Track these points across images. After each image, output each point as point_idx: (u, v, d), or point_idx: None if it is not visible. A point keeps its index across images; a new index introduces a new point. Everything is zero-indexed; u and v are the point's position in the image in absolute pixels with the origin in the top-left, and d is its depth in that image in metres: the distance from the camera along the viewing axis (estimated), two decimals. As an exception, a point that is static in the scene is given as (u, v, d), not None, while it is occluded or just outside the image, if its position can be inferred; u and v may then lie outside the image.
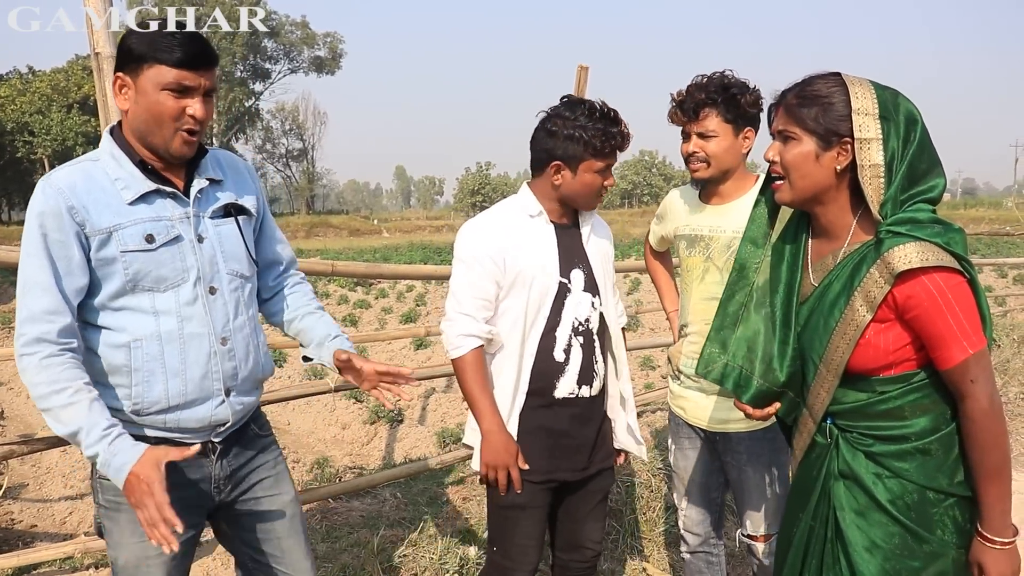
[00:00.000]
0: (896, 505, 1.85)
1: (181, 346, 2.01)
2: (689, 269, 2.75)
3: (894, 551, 1.86)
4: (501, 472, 2.43)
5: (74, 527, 5.39)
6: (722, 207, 2.68)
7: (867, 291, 1.78)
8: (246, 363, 2.15)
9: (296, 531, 2.30)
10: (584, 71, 4.37)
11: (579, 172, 2.46)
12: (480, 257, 2.47)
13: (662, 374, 9.85)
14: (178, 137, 1.94)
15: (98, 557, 3.65)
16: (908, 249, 1.71)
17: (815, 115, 1.81)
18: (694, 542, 2.95)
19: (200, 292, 2.03)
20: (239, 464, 2.20)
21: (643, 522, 4.27)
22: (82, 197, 1.90)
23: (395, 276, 3.84)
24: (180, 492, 1.98)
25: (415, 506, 4.34)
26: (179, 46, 1.87)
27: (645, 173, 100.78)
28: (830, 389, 1.91)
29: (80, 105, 46.99)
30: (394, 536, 3.88)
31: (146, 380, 1.98)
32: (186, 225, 2.02)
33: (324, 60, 67.15)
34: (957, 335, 1.71)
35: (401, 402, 2.07)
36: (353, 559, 3.63)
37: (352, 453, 7.48)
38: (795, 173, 1.86)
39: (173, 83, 1.88)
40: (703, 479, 2.86)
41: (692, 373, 2.71)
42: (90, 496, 5.81)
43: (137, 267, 1.94)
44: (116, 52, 1.94)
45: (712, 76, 2.55)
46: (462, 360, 2.47)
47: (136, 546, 2.03)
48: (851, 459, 1.91)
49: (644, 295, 18.01)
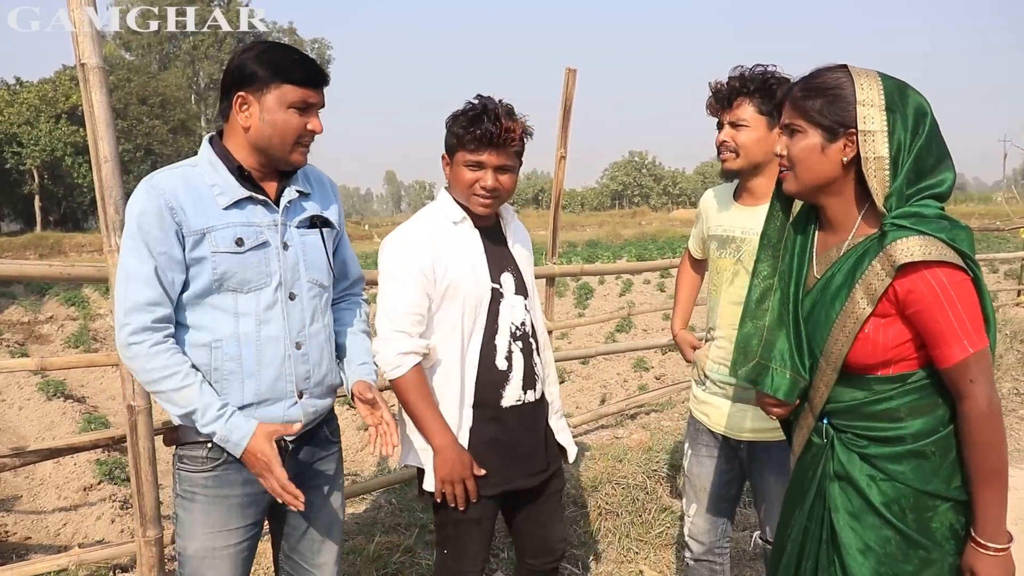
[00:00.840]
0: (890, 508, 1.83)
1: (258, 348, 2.11)
2: (719, 271, 2.70)
3: (887, 555, 1.84)
4: (458, 486, 2.39)
5: (68, 538, 5.36)
6: (755, 208, 2.60)
7: (868, 284, 1.76)
8: (319, 368, 2.24)
9: (334, 538, 2.40)
10: (572, 74, 4.37)
11: (455, 165, 2.43)
12: (410, 271, 2.39)
13: (655, 375, 9.85)
14: (297, 150, 2.11)
15: (92, 569, 3.63)
16: (911, 242, 1.69)
17: (820, 107, 1.80)
18: (699, 550, 2.90)
19: (280, 297, 2.14)
20: (307, 464, 2.30)
21: (639, 524, 4.27)
22: (181, 198, 2.02)
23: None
24: (249, 488, 2.15)
25: (410, 512, 4.33)
26: (302, 67, 2.03)
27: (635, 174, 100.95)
28: (829, 383, 1.89)
29: (68, 115, 46.82)
30: (390, 543, 3.87)
31: (225, 379, 2.09)
32: (273, 232, 2.14)
33: (312, 66, 67.06)
34: (958, 333, 1.69)
35: (384, 451, 2.17)
36: (349, 566, 3.62)
37: (346, 459, 7.45)
38: (801, 166, 1.86)
39: (299, 101, 2.05)
40: (716, 489, 2.81)
41: (719, 379, 2.68)
42: (84, 507, 5.79)
43: (225, 268, 2.05)
44: (231, 71, 2.05)
45: (754, 67, 2.52)
46: (403, 380, 2.39)
47: (206, 536, 2.14)
48: (846, 460, 1.89)
49: (636, 296, 18.01)
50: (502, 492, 2.52)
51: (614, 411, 6.31)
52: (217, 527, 2.13)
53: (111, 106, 2.74)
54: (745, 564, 3.93)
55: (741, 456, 2.74)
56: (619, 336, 12.50)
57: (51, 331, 15.35)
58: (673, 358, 10.65)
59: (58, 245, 36.23)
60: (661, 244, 33.73)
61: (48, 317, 17.11)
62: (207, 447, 2.13)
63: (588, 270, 6.45)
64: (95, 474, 6.29)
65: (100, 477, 6.25)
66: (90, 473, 6.33)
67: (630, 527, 4.24)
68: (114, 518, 5.52)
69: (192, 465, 2.15)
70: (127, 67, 52.48)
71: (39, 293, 19.74)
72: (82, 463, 6.46)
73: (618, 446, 5.33)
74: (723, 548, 2.92)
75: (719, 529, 2.87)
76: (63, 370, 9.32)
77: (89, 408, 9.11)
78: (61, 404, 8.87)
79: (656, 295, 18.26)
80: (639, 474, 4.75)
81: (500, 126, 2.34)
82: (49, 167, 47.21)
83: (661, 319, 13.85)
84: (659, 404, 6.68)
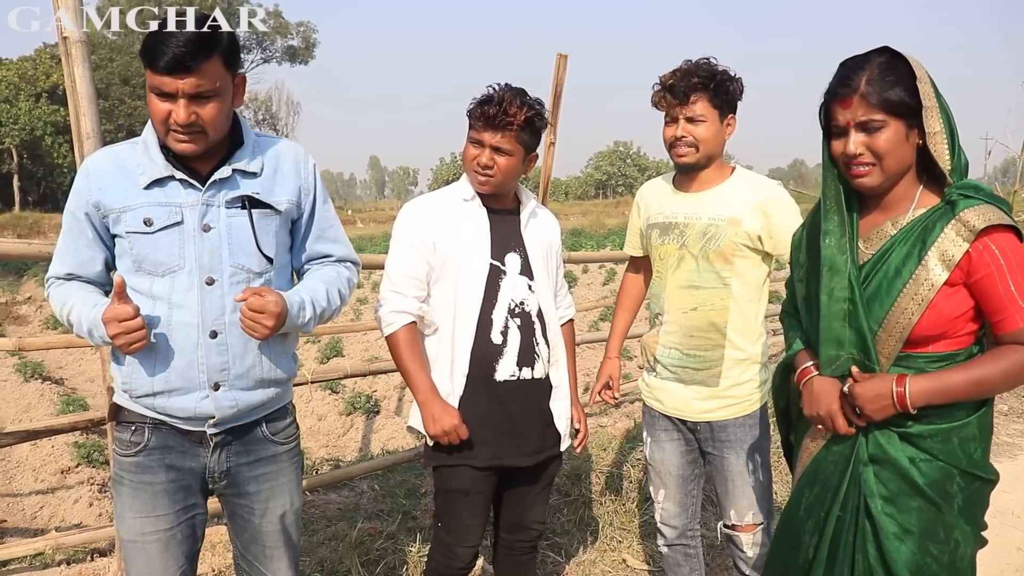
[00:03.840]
0: (934, 489, 1.86)
1: (168, 333, 2.03)
2: (663, 257, 2.72)
3: (927, 537, 1.86)
4: (451, 435, 2.46)
5: (45, 522, 5.31)
6: (699, 195, 2.65)
7: (943, 250, 1.79)
8: (242, 359, 2.09)
9: (284, 544, 2.28)
10: (563, 59, 4.32)
11: (465, 141, 2.57)
12: (411, 238, 2.54)
13: (638, 364, 9.86)
14: (171, 138, 1.96)
15: (69, 553, 3.59)
16: (984, 209, 1.76)
17: (901, 94, 1.80)
18: (671, 535, 2.91)
19: (196, 281, 2.03)
20: (238, 463, 2.18)
21: (622, 513, 4.27)
22: (105, 177, 2.03)
23: (370, 266, 3.82)
24: (174, 474, 2.11)
25: (393, 498, 4.31)
26: (160, 52, 1.86)
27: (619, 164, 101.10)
28: (891, 355, 1.89)
29: (49, 94, 46.29)
30: (372, 529, 3.85)
31: (134, 362, 2.04)
32: (193, 213, 2.03)
33: (297, 50, 66.49)
34: (1017, 299, 1.74)
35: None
36: (331, 552, 3.59)
37: (328, 445, 7.44)
38: (891, 158, 1.83)
39: (156, 88, 1.91)
40: (680, 471, 2.83)
41: (670, 363, 2.70)
42: (61, 490, 5.74)
43: (138, 249, 2.01)
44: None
45: (699, 62, 2.55)
46: (395, 336, 2.52)
47: (135, 521, 2.09)
48: (885, 442, 1.90)
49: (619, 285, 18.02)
50: (495, 467, 2.56)
51: (597, 399, 6.27)
52: (144, 512, 2.09)
53: (94, 82, 2.68)
54: (726, 555, 3.92)
55: (699, 438, 2.76)
56: (603, 325, 12.52)
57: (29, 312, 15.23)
58: (656, 348, 10.66)
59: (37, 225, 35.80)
60: (645, 234, 33.75)
61: (27, 298, 16.96)
62: (131, 429, 2.09)
63: (574, 258, 6.43)
64: (73, 457, 6.23)
65: (78, 460, 6.20)
66: (68, 456, 6.27)
67: (613, 516, 4.23)
68: (92, 501, 5.48)
69: (119, 448, 2.12)
70: (109, 47, 51.93)
71: (17, 273, 19.55)
72: (60, 446, 6.40)
73: (602, 435, 5.32)
74: (695, 531, 2.94)
75: (689, 511, 2.89)
76: (41, 351, 9.23)
77: (67, 390, 9.04)
78: (39, 386, 8.80)
79: (640, 285, 18.29)
80: (623, 463, 4.75)
81: (500, 109, 2.44)
82: (28, 146, 46.64)
83: (644, 308, 13.87)
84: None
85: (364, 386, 8.99)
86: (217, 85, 1.93)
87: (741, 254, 2.57)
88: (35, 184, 51.36)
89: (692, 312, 2.63)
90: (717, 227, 2.57)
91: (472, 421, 2.50)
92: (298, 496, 2.32)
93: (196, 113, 1.91)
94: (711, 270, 2.59)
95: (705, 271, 2.60)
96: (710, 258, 2.59)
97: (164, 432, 2.09)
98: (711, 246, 2.58)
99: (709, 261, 2.59)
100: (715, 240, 2.57)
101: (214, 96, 1.93)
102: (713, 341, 2.62)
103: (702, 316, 2.62)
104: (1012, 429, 6.31)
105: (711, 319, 2.61)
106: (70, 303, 2.05)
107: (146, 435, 2.09)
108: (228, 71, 1.97)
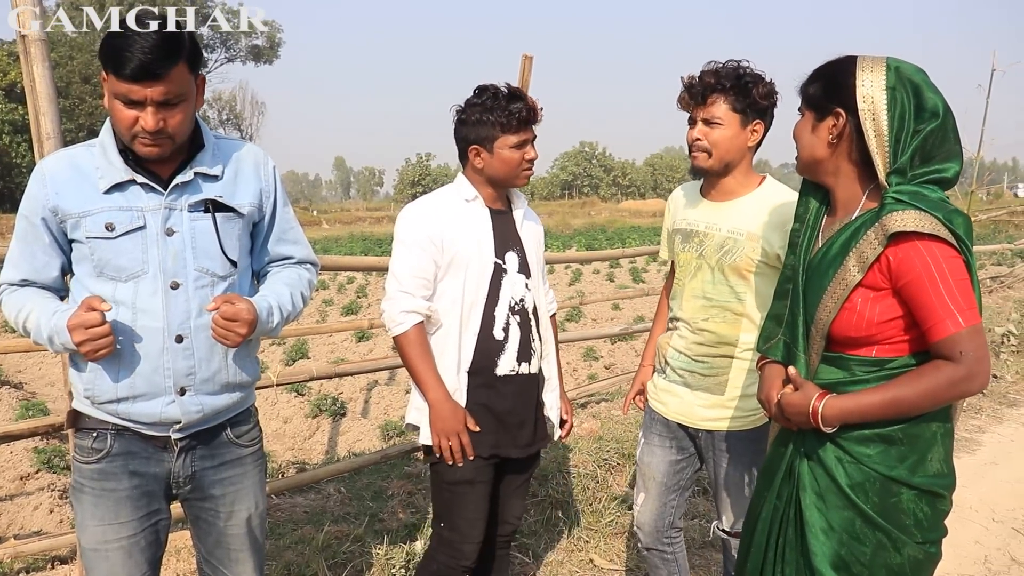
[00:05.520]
0: (855, 491, 1.87)
1: (133, 338, 2.00)
2: (683, 264, 2.70)
3: (849, 535, 1.89)
4: (453, 439, 2.52)
5: (3, 530, 5.20)
6: (722, 204, 2.60)
7: (861, 252, 1.82)
8: (208, 363, 2.08)
9: (249, 547, 2.27)
10: (528, 60, 4.34)
11: (495, 150, 2.57)
12: (419, 239, 2.56)
13: (604, 364, 9.91)
14: (137, 143, 1.92)
15: (29, 561, 3.52)
16: (907, 215, 1.75)
17: (817, 90, 1.92)
18: (645, 540, 2.91)
19: (160, 286, 2.01)
20: (203, 467, 2.17)
21: (589, 513, 4.29)
22: (61, 183, 1.98)
23: (336, 268, 3.80)
24: (137, 480, 2.09)
25: (360, 501, 4.29)
26: (126, 59, 1.81)
27: (585, 164, 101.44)
28: (819, 351, 1.95)
29: (7, 92, 45.38)
30: (339, 532, 3.83)
31: (98, 368, 2.01)
32: (156, 217, 2.00)
33: (262, 49, 65.80)
34: (949, 306, 1.72)
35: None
36: (297, 556, 3.57)
37: (294, 447, 7.37)
38: (799, 142, 2.00)
39: (122, 95, 1.86)
40: (664, 479, 2.82)
41: (679, 366, 2.69)
42: (20, 497, 5.62)
43: (100, 254, 1.98)
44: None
45: (726, 63, 2.50)
46: (405, 336, 2.55)
47: (96, 529, 2.07)
48: (817, 440, 1.94)
49: (586, 286, 18.11)
50: (494, 456, 2.63)
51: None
52: (107, 520, 2.06)
53: (54, 80, 2.64)
54: (694, 552, 3.96)
55: (699, 444, 2.75)
56: (569, 325, 12.54)
57: (-14, 315, 14.92)
58: (622, 348, 10.73)
59: (-6, 226, 35.13)
60: (611, 235, 33.99)
61: (-17, 300, 16.61)
62: (93, 435, 2.07)
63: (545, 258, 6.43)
64: (32, 463, 6.12)
65: (38, 466, 6.08)
66: (27, 462, 6.15)
67: (580, 516, 4.25)
68: (52, 508, 5.37)
69: (80, 455, 2.09)
70: (69, 44, 51.03)
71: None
72: (19, 451, 6.28)
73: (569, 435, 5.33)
74: (672, 538, 2.93)
75: (666, 520, 2.88)
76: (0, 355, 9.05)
77: (27, 394, 8.87)
78: (-3, 390, 8.62)
79: (606, 285, 18.37)
80: (589, 463, 4.77)
81: (526, 104, 2.56)
82: (-14, 145, 45.72)
83: (611, 309, 13.94)
84: (609, 393, 6.71)
85: (330, 388, 8.92)
86: (184, 91, 1.91)
87: (758, 271, 2.52)
88: (-8, 184, 50.37)
89: (704, 322, 2.60)
90: (735, 241, 2.53)
91: (472, 412, 2.58)
92: (263, 498, 2.32)
93: (163, 120, 1.89)
94: (725, 283, 2.56)
95: (720, 283, 2.57)
96: (725, 271, 2.55)
97: (127, 438, 2.07)
98: (727, 260, 2.54)
99: (724, 274, 2.56)
100: (732, 254, 2.54)
101: (181, 102, 1.92)
102: (722, 351, 2.60)
103: (713, 327, 2.59)
104: (970, 425, 6.43)
105: (722, 331, 2.58)
106: (26, 309, 2.01)
107: (108, 441, 2.07)
108: (191, 74, 1.94)
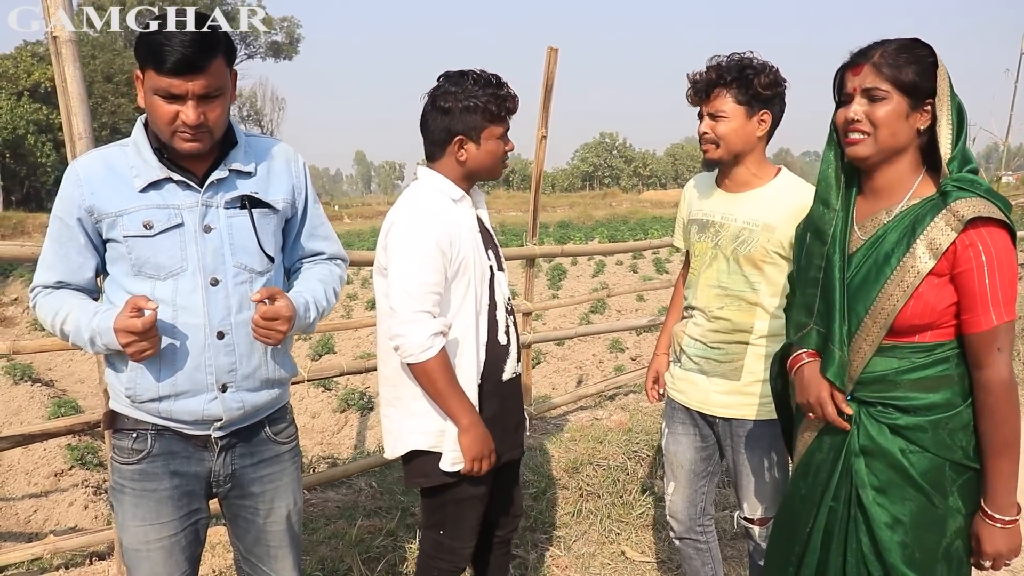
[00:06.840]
0: (926, 479, 1.88)
1: (174, 336, 2.00)
2: (698, 254, 2.70)
3: (917, 525, 1.89)
4: (486, 462, 2.42)
5: (39, 525, 5.28)
6: (737, 195, 2.62)
7: (931, 239, 1.81)
8: (248, 359, 2.09)
9: (288, 543, 2.29)
10: (554, 52, 4.33)
11: (482, 142, 2.45)
12: (429, 249, 2.34)
13: (631, 356, 9.88)
14: (176, 139, 1.92)
15: (67, 557, 3.56)
16: (975, 201, 1.77)
17: (913, 74, 1.85)
18: (679, 529, 2.92)
19: (200, 283, 2.01)
20: (243, 465, 2.18)
21: (620, 505, 4.27)
22: (96, 183, 1.97)
23: (359, 263, 3.80)
24: (178, 480, 2.09)
25: (391, 495, 4.30)
26: (166, 53, 1.82)
27: (606, 155, 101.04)
28: (874, 343, 1.91)
29: (31, 92, 45.81)
30: (371, 527, 3.84)
31: (140, 367, 2.00)
32: (193, 214, 2.01)
33: (281, 45, 66.21)
34: (997, 299, 1.76)
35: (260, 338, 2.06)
36: (331, 551, 3.59)
37: (323, 442, 7.42)
38: (885, 130, 1.87)
39: (162, 90, 1.86)
40: (692, 466, 2.83)
41: (695, 354, 2.69)
42: (55, 494, 5.70)
43: (138, 253, 1.98)
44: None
45: (730, 56, 2.51)
46: (434, 362, 2.32)
47: (138, 530, 2.07)
48: (876, 433, 1.92)
49: (609, 277, 18.05)
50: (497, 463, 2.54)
51: (593, 392, 6.31)
52: (148, 520, 2.07)
53: (84, 81, 2.65)
54: (726, 543, 3.94)
55: (716, 432, 2.76)
56: (594, 317, 12.53)
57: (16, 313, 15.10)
58: (648, 339, 10.69)
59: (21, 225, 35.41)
60: (633, 225, 33.80)
61: (12, 299, 16.82)
62: (132, 436, 2.07)
63: (568, 251, 6.41)
64: (66, 460, 6.20)
65: (71, 463, 6.16)
66: (61, 459, 6.23)
67: (611, 508, 4.24)
68: (87, 504, 5.45)
69: (120, 456, 2.09)
70: (91, 44, 51.49)
71: (2, 274, 19.37)
72: (52, 448, 6.36)
73: (598, 427, 5.33)
74: (705, 526, 2.93)
75: (698, 507, 2.89)
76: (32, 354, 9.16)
77: (58, 392, 8.99)
78: (28, 388, 8.74)
79: (629, 276, 18.31)
80: (619, 455, 4.75)
81: (511, 92, 2.46)
82: (11, 145, 46.11)
83: (635, 300, 13.89)
84: (637, 385, 6.69)
85: (357, 383, 8.97)
86: (223, 84, 1.92)
87: (772, 261, 2.53)
88: (18, 183, 50.80)
89: (719, 310, 2.61)
90: (751, 231, 2.54)
91: (485, 422, 2.46)
92: (300, 495, 2.33)
93: (204, 113, 1.90)
94: (740, 273, 2.57)
95: (735, 273, 2.58)
96: (740, 262, 2.56)
97: (167, 438, 2.08)
98: (742, 250, 2.55)
99: (739, 264, 2.57)
100: (747, 245, 2.54)
101: (220, 95, 1.93)
102: (737, 337, 2.60)
103: (728, 315, 2.60)
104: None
105: (736, 319, 2.59)
106: (64, 311, 2.00)
107: (149, 442, 2.07)
108: (228, 68, 1.96)
